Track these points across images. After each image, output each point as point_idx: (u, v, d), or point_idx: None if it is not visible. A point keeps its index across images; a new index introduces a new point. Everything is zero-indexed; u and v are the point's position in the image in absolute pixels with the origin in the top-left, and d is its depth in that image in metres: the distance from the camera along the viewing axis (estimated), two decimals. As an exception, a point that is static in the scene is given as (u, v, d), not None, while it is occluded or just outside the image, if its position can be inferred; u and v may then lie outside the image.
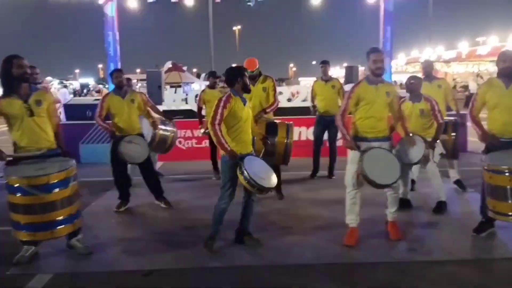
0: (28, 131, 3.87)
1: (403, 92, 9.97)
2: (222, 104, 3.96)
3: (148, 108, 5.77)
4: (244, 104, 4.10)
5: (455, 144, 5.77)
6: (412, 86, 5.23)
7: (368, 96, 4.20)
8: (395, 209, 4.36)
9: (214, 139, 3.99)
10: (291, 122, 5.53)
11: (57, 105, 7.79)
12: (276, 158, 5.25)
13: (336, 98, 6.92)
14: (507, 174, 3.71)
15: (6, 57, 3.83)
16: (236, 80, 4.09)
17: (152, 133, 5.73)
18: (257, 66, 5.68)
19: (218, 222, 4.18)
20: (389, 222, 4.41)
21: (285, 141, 5.21)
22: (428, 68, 6.25)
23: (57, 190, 3.62)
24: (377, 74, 4.22)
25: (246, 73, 4.17)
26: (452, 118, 5.93)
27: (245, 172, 3.82)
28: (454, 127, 5.74)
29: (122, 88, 5.48)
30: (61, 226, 3.69)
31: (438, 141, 5.20)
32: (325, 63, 6.94)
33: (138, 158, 5.40)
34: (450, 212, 5.13)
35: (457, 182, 6.14)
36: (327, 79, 6.93)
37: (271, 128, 5.27)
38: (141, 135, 5.52)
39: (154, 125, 5.74)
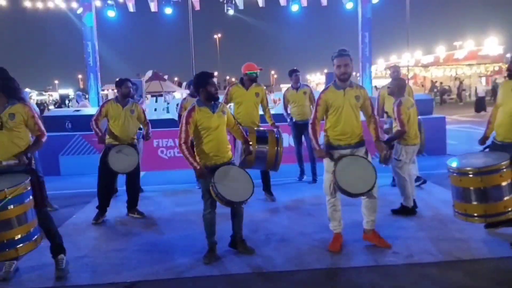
0: None
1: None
2: (184, 121, 3.96)
3: (148, 121, 5.81)
4: (214, 112, 4.03)
5: (422, 141, 5.87)
6: (390, 90, 5.45)
7: (335, 102, 4.11)
8: (374, 215, 4.24)
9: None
10: (278, 129, 5.70)
11: None
12: (267, 165, 5.43)
13: (308, 104, 7.14)
14: (471, 175, 3.87)
15: None
16: (199, 89, 4.04)
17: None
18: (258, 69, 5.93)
19: (211, 233, 4.14)
20: (370, 230, 4.27)
21: (275, 149, 5.32)
22: (395, 73, 6.48)
23: (11, 206, 3.44)
24: (342, 80, 4.11)
25: (210, 81, 4.04)
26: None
27: (213, 186, 3.85)
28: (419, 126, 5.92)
29: (126, 98, 5.51)
30: (21, 245, 3.50)
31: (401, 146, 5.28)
32: (297, 72, 7.13)
33: (125, 169, 5.38)
34: (430, 214, 5.21)
35: (417, 179, 6.33)
36: (297, 86, 7.10)
37: (261, 139, 5.38)
38: (133, 145, 5.50)
39: (147, 137, 5.81)
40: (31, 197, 3.63)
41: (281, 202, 6.02)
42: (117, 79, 5.60)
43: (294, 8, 12.39)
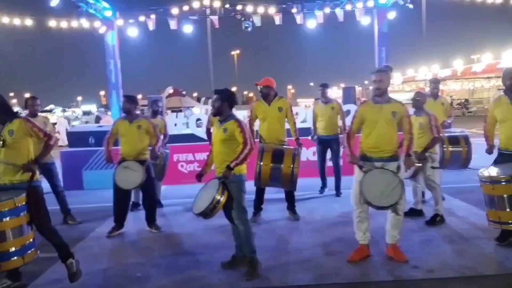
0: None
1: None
2: None
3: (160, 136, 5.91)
4: (219, 126, 4.18)
5: (468, 155, 6.13)
6: (418, 102, 5.58)
7: (370, 116, 4.24)
8: (397, 232, 4.28)
9: None
10: (297, 148, 5.65)
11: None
12: (283, 184, 5.43)
13: (336, 119, 7.14)
14: (503, 183, 4.06)
15: None
16: None
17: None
18: (269, 84, 5.81)
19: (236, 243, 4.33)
20: (391, 244, 4.30)
21: (291, 169, 5.26)
22: (436, 88, 6.60)
23: (7, 219, 3.59)
24: (376, 94, 4.27)
25: (215, 97, 4.22)
26: (461, 132, 6.42)
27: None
28: (466, 140, 6.17)
29: (130, 113, 5.64)
30: (14, 258, 3.63)
31: (434, 155, 5.49)
32: (324, 86, 7.15)
33: (131, 184, 5.42)
34: (452, 227, 5.16)
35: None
36: (326, 101, 7.12)
37: (277, 156, 5.34)
38: (143, 161, 5.54)
39: (153, 154, 5.86)
40: (25, 212, 3.72)
41: (302, 216, 6.00)
42: None
43: (311, 24, 12.52)
